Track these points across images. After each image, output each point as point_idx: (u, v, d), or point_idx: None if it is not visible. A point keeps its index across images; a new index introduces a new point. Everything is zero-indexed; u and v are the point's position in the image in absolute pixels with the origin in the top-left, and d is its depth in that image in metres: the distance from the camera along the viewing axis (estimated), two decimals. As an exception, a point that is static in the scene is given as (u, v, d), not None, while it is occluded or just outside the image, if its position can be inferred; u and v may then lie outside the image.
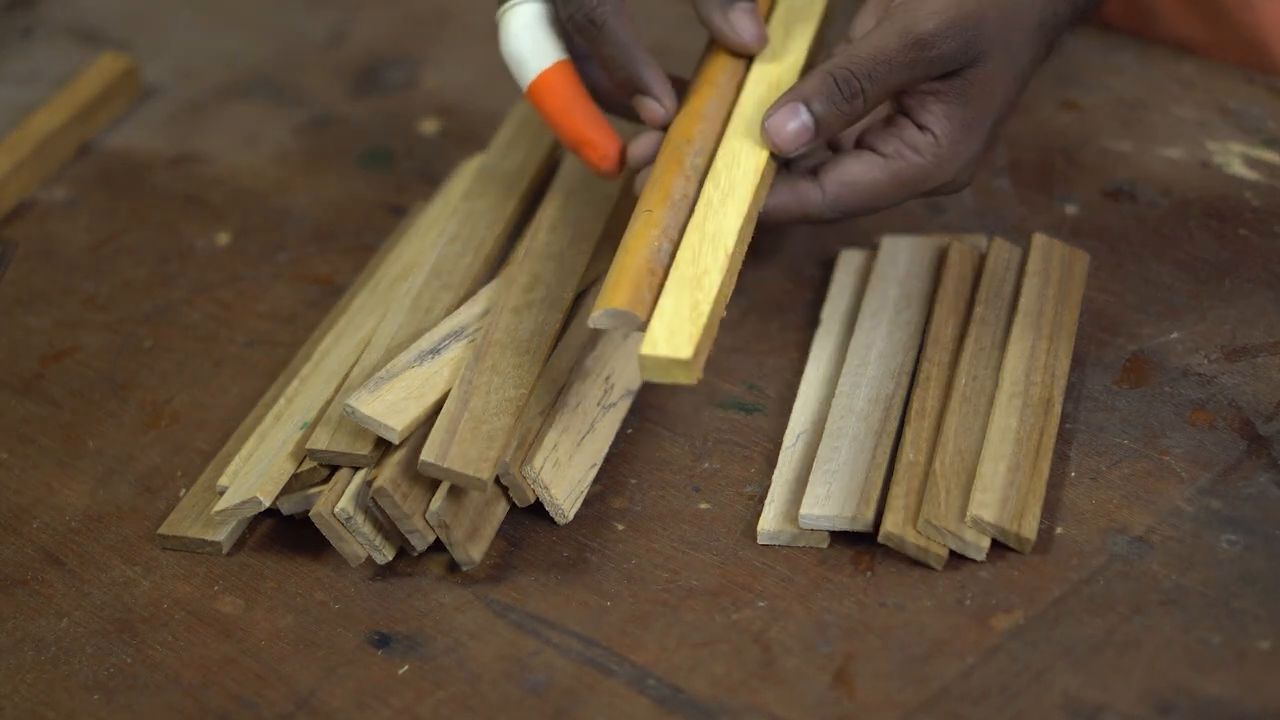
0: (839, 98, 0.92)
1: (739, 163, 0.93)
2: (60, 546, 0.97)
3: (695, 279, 0.89)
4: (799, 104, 0.92)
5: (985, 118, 0.94)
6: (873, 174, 0.94)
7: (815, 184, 0.94)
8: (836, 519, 0.91)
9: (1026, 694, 0.84)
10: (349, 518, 0.91)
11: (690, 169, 0.93)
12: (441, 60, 1.32)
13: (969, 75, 0.93)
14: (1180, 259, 1.07)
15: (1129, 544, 0.91)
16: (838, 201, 0.94)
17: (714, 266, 0.89)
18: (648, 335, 0.87)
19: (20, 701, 0.89)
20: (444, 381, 0.95)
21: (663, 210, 0.91)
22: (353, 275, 1.12)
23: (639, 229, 0.91)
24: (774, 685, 0.86)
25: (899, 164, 0.94)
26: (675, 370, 0.86)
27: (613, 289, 0.88)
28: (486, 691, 0.88)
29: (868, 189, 0.94)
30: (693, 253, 0.90)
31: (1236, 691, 0.84)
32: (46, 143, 1.24)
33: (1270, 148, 1.14)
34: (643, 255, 0.89)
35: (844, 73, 0.92)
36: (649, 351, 0.86)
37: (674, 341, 0.86)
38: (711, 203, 0.92)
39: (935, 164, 0.94)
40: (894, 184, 0.94)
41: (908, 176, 0.94)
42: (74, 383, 1.07)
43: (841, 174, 0.94)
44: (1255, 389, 0.98)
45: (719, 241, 0.90)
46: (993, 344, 0.99)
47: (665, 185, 0.92)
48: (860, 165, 0.94)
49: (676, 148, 0.94)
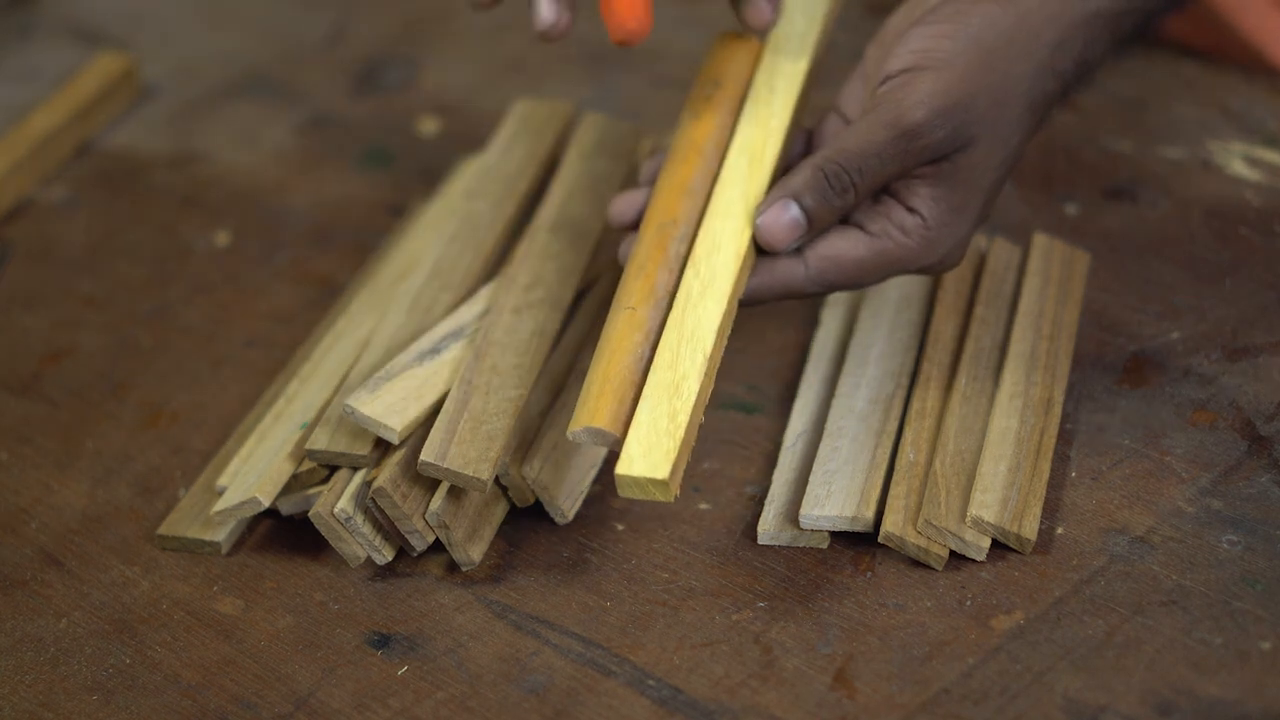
0: (830, 193, 0.90)
1: (719, 248, 0.91)
2: (59, 547, 0.97)
3: (674, 385, 0.86)
4: (790, 201, 0.91)
5: (974, 200, 0.92)
6: (858, 251, 0.92)
7: (798, 260, 0.92)
8: (836, 519, 0.91)
9: (1027, 695, 0.84)
10: (348, 518, 0.91)
11: (674, 256, 0.91)
12: (441, 60, 1.32)
13: (958, 160, 0.91)
14: (1181, 259, 1.07)
15: (1130, 544, 0.90)
16: (821, 276, 0.92)
17: (692, 371, 0.87)
18: (624, 453, 0.84)
19: (19, 702, 0.89)
20: (443, 382, 0.95)
21: (646, 309, 0.89)
22: (352, 275, 1.12)
23: (622, 330, 0.88)
24: (774, 686, 0.86)
25: (885, 243, 0.92)
26: (652, 489, 0.84)
27: (595, 404, 0.86)
28: (486, 692, 0.87)
29: (853, 265, 0.92)
30: (672, 355, 0.87)
31: (1238, 692, 0.84)
32: (45, 142, 1.24)
33: (1271, 147, 1.14)
34: (625, 365, 0.87)
35: (834, 167, 0.90)
36: (625, 472, 0.84)
37: (651, 459, 0.84)
38: (691, 294, 0.89)
39: (922, 246, 0.92)
40: (879, 263, 0.92)
41: (894, 256, 0.92)
42: (72, 383, 1.07)
43: (826, 249, 0.92)
44: (1256, 389, 0.98)
45: (697, 342, 0.88)
46: (993, 344, 0.99)
47: (650, 277, 0.90)
48: (846, 242, 0.92)
49: (661, 228, 0.92)
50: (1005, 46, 0.91)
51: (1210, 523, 0.91)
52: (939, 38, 0.91)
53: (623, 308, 0.89)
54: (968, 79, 0.90)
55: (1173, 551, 0.90)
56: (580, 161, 1.08)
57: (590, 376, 0.88)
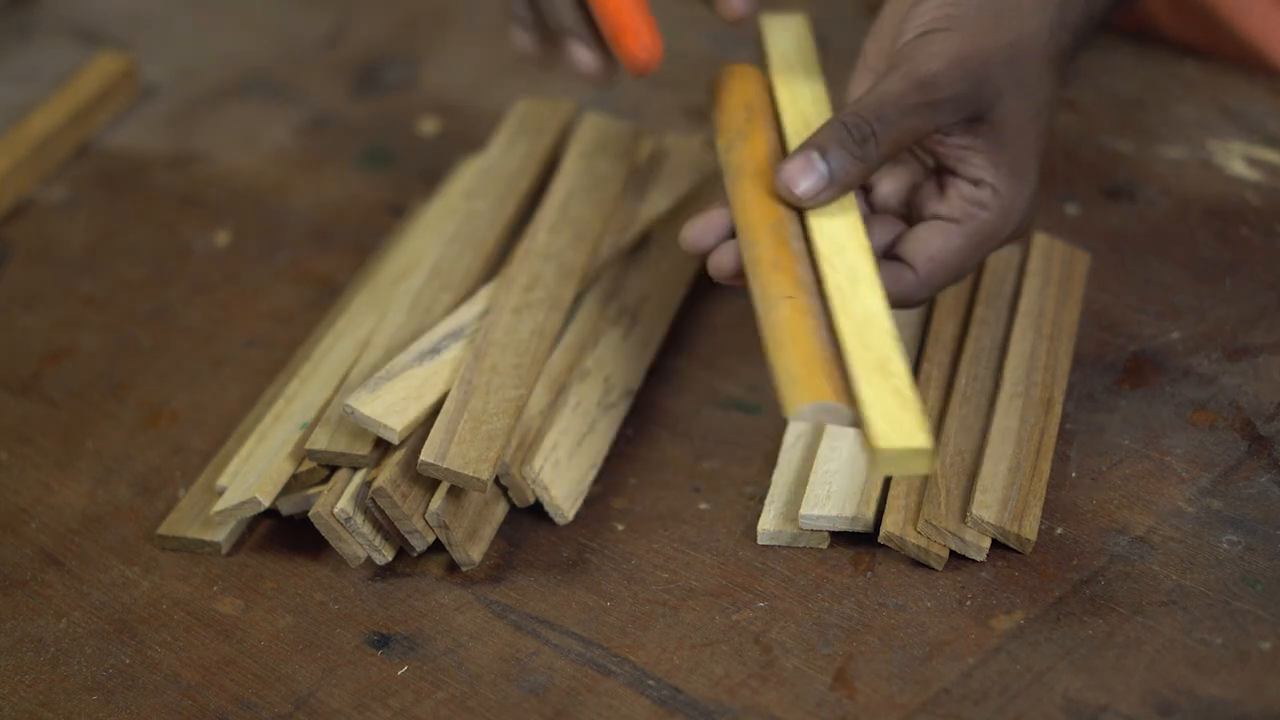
0: (850, 143, 0.90)
1: (842, 246, 0.90)
2: (59, 547, 0.97)
3: (879, 365, 0.84)
4: (812, 152, 0.91)
5: (1028, 155, 0.92)
6: (954, 241, 0.92)
7: (904, 265, 0.92)
8: (837, 519, 0.91)
9: (1027, 695, 0.84)
10: (348, 518, 0.91)
11: (799, 253, 0.89)
12: (441, 60, 1.32)
13: (993, 119, 0.91)
14: (1181, 259, 1.07)
15: (1130, 544, 0.90)
16: (930, 279, 0.92)
17: (892, 352, 0.84)
18: (872, 428, 0.82)
19: (19, 702, 0.89)
20: (443, 382, 0.95)
21: (804, 298, 0.87)
22: (352, 275, 1.12)
23: (794, 317, 0.86)
24: (774, 686, 0.86)
25: (972, 224, 0.92)
26: (913, 461, 0.81)
27: (812, 381, 0.83)
28: (486, 692, 0.87)
29: (955, 257, 0.92)
30: (858, 340, 0.85)
31: (1238, 692, 0.84)
32: (45, 142, 1.24)
33: (1271, 147, 1.14)
34: (817, 345, 0.85)
35: (853, 118, 0.90)
36: (887, 445, 0.81)
37: (905, 430, 0.81)
38: (842, 288, 0.88)
39: (1001, 214, 0.92)
40: (974, 244, 0.92)
41: (984, 234, 0.92)
42: (72, 383, 1.07)
43: (926, 249, 0.92)
44: (1256, 389, 0.98)
45: (877, 326, 0.86)
46: (993, 344, 0.99)
47: (789, 271, 0.88)
48: (939, 237, 0.92)
49: (773, 229, 0.90)
50: (1014, 7, 0.92)
51: (1210, 523, 0.91)
52: (948, 5, 0.92)
53: (781, 298, 0.87)
54: (981, 36, 0.91)
55: (1173, 551, 0.90)
56: (580, 161, 1.08)
57: (786, 360, 0.85)
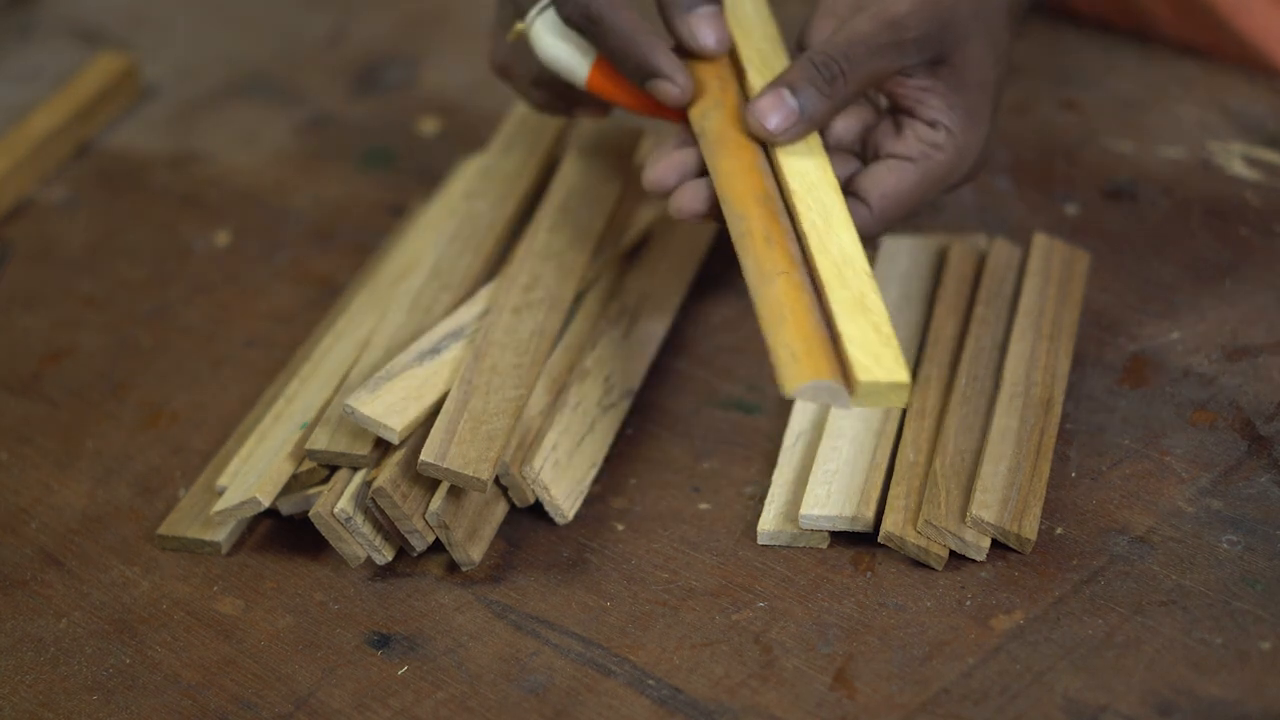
0: (820, 80, 0.93)
1: (814, 185, 0.92)
2: (59, 547, 0.97)
3: (857, 301, 0.87)
4: (783, 89, 0.93)
5: (984, 101, 0.96)
6: (909, 179, 0.95)
7: (860, 205, 0.95)
8: (836, 519, 0.91)
9: (1027, 695, 0.84)
10: (348, 518, 0.91)
11: (786, 227, 0.91)
12: (441, 60, 1.32)
13: (955, 62, 0.94)
14: (1181, 259, 1.07)
15: (1129, 544, 0.90)
16: (884, 214, 0.95)
17: (867, 289, 0.87)
18: (854, 362, 0.84)
19: (19, 702, 0.89)
20: (443, 382, 0.95)
21: (795, 272, 0.89)
22: (352, 275, 1.12)
23: (789, 292, 0.87)
24: (774, 686, 0.86)
25: (926, 163, 0.95)
26: (892, 394, 0.84)
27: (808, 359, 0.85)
28: (486, 692, 0.87)
29: (908, 194, 0.95)
30: (837, 278, 0.88)
31: (1238, 693, 0.84)
32: (45, 142, 1.24)
33: (1271, 147, 1.14)
34: (812, 323, 0.86)
35: (823, 57, 0.93)
36: (869, 378, 0.83)
37: (886, 365, 0.84)
38: (817, 226, 0.90)
39: (956, 155, 0.95)
40: (928, 184, 0.95)
41: (938, 174, 0.95)
42: (72, 383, 1.07)
43: (880, 186, 0.95)
44: (1256, 389, 0.98)
45: (853, 263, 0.88)
46: (993, 344, 0.99)
47: (780, 245, 0.90)
48: (893, 175, 0.95)
49: (761, 201, 0.92)
50: None
51: (1210, 523, 0.91)
52: None
53: (776, 274, 0.89)
54: None
55: (1172, 551, 0.90)
56: (580, 161, 1.08)
57: (786, 337, 0.86)
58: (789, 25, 1.03)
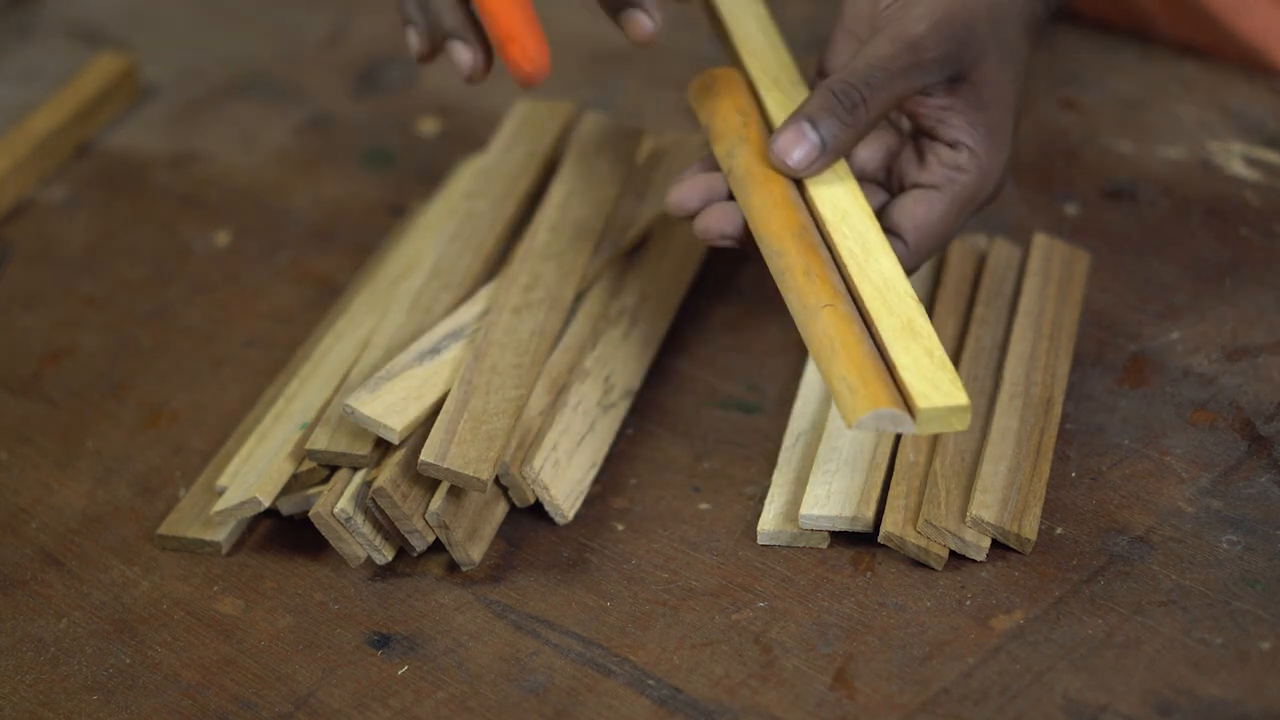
0: (841, 110, 0.92)
1: (848, 214, 0.92)
2: (59, 547, 0.97)
3: (906, 327, 0.87)
4: (803, 123, 0.92)
5: (1005, 118, 0.94)
6: (938, 209, 0.94)
7: (895, 239, 0.94)
8: (836, 519, 0.91)
9: (1027, 695, 0.84)
10: (348, 518, 0.91)
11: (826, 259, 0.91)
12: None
13: (974, 79, 0.93)
14: (1181, 259, 1.07)
15: (1129, 544, 0.90)
16: (919, 247, 0.94)
17: (915, 312, 0.87)
18: (912, 389, 0.84)
19: (19, 702, 0.89)
20: (443, 382, 0.95)
21: (840, 304, 0.89)
22: (352, 275, 1.12)
23: (838, 324, 0.87)
24: (774, 686, 0.86)
25: (953, 189, 0.94)
26: (953, 418, 0.84)
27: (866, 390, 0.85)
28: (486, 692, 0.87)
29: (940, 224, 0.94)
30: (882, 305, 0.88)
31: (1238, 692, 0.84)
32: (45, 142, 1.24)
33: (1271, 147, 1.14)
34: (864, 352, 0.86)
35: (842, 85, 0.92)
36: (928, 405, 0.84)
37: (944, 390, 0.84)
38: (855, 254, 0.90)
39: (981, 176, 0.94)
40: (956, 210, 0.94)
41: (964, 197, 0.94)
42: (72, 383, 1.07)
43: (911, 219, 0.94)
44: (1256, 389, 0.98)
45: (895, 288, 0.89)
46: (993, 344, 0.99)
47: (822, 278, 0.89)
48: (923, 206, 0.94)
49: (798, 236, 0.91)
50: None
51: (1210, 523, 0.91)
52: None
53: (820, 308, 0.88)
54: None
55: (1172, 551, 0.90)
56: (580, 161, 1.08)
57: (842, 369, 0.86)
58: (790, 26, 1.03)
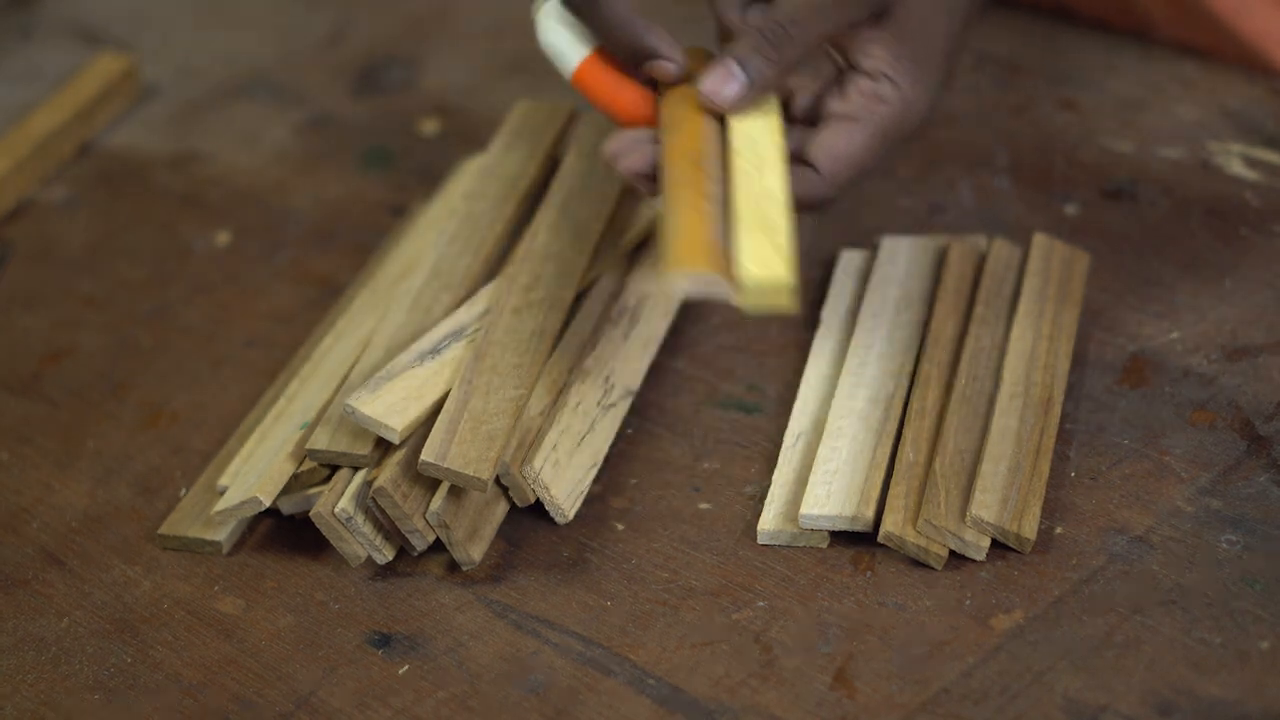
0: (767, 47, 0.92)
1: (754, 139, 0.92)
2: (60, 547, 0.97)
3: (763, 223, 0.86)
4: (731, 63, 0.93)
5: (931, 49, 0.94)
6: (856, 139, 0.94)
7: (809, 168, 0.94)
8: (836, 519, 0.91)
9: (1027, 694, 0.84)
10: (349, 518, 0.91)
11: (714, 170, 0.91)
12: (441, 60, 1.32)
13: (898, 13, 0.93)
14: (1180, 259, 1.07)
15: (1129, 544, 0.91)
16: (834, 177, 0.94)
17: (779, 219, 0.86)
18: (742, 263, 0.84)
19: (20, 701, 0.89)
20: (444, 382, 0.95)
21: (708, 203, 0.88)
22: (352, 275, 1.12)
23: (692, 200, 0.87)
24: (774, 685, 0.86)
25: (873, 119, 0.94)
26: (776, 296, 0.83)
27: (697, 251, 0.84)
28: (486, 691, 0.87)
29: (860, 154, 0.94)
30: (751, 206, 0.87)
31: (1238, 692, 0.84)
32: (46, 142, 1.24)
33: (1270, 147, 1.14)
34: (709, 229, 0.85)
35: (769, 24, 0.93)
36: (753, 274, 0.83)
37: (771, 266, 0.83)
38: (747, 173, 0.90)
39: (903, 107, 0.94)
40: (876, 140, 0.94)
41: (885, 128, 0.94)
42: (73, 383, 1.07)
43: (826, 149, 0.94)
44: (1256, 389, 0.98)
45: (773, 199, 0.88)
46: (993, 344, 0.99)
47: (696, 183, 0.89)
48: (841, 136, 0.94)
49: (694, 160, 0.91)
50: None
51: (1209, 522, 0.91)
52: None
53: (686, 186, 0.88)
54: None
55: (1172, 551, 0.90)
56: (580, 161, 1.08)
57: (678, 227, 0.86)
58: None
